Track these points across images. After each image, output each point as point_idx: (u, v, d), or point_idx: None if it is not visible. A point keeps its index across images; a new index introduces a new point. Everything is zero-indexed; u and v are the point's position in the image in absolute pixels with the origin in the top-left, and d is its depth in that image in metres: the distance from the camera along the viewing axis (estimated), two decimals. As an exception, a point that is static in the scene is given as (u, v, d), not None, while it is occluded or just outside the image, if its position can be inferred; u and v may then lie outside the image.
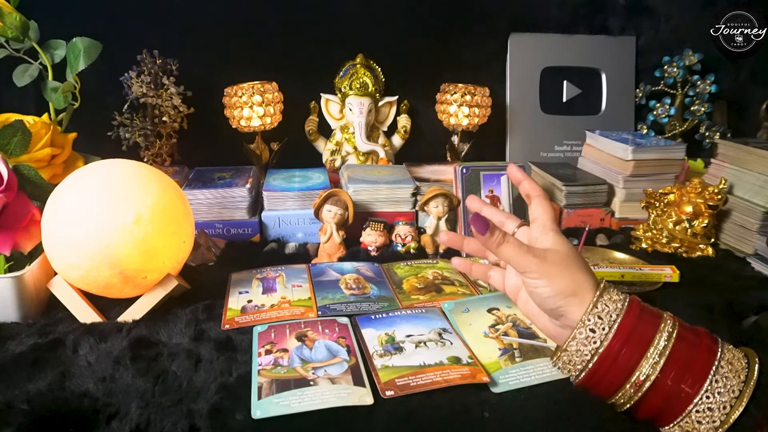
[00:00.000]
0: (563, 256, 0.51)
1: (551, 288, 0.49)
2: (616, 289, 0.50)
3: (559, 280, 0.49)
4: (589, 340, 0.48)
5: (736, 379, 0.44)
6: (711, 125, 1.28)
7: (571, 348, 0.49)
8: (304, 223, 0.93)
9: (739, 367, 0.45)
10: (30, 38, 0.79)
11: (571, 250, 0.52)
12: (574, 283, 0.49)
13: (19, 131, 0.69)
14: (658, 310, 0.49)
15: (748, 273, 0.84)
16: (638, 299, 0.50)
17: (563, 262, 0.50)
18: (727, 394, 0.44)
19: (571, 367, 0.50)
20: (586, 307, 0.48)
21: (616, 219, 1.03)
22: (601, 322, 0.47)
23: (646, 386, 0.45)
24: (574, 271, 0.50)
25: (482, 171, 0.89)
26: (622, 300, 0.49)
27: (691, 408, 0.44)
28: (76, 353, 0.58)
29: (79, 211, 0.60)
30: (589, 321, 0.48)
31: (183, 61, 1.05)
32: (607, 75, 1.28)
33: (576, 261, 0.51)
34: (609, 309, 0.48)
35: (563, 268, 0.50)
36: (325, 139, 1.20)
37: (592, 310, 0.48)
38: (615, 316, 0.47)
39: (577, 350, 0.48)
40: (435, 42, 1.21)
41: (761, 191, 0.89)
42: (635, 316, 0.48)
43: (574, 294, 0.49)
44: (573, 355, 0.49)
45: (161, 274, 0.65)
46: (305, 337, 0.61)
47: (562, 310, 0.49)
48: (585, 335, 0.48)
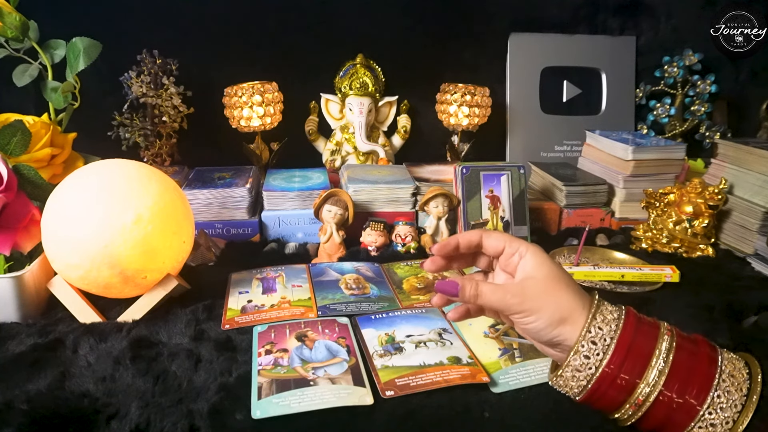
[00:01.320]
0: (544, 281, 0.48)
1: (540, 321, 0.47)
2: (608, 306, 0.48)
3: (545, 311, 0.47)
4: (584, 366, 0.46)
5: (738, 393, 0.43)
6: (711, 125, 1.28)
7: (567, 374, 0.47)
8: (304, 223, 0.93)
9: (740, 379, 0.44)
10: (30, 38, 0.79)
11: (551, 271, 0.49)
12: (561, 309, 0.47)
13: (19, 131, 0.69)
14: (655, 321, 0.48)
15: (748, 273, 0.84)
16: (634, 312, 0.48)
17: (545, 290, 0.48)
18: (729, 410, 0.43)
19: (569, 390, 0.48)
20: (578, 333, 0.46)
21: (616, 219, 1.03)
22: (595, 347, 0.45)
23: (649, 401, 0.44)
24: (560, 295, 0.47)
25: (482, 171, 0.89)
26: (616, 319, 0.46)
27: (693, 425, 0.43)
28: (76, 353, 0.58)
29: (79, 211, 0.60)
30: (583, 347, 0.46)
31: (183, 61, 1.05)
32: (607, 75, 1.28)
33: (559, 283, 0.48)
34: (602, 332, 0.46)
35: (546, 296, 0.47)
36: (325, 139, 1.20)
37: (585, 335, 0.46)
38: (609, 339, 0.45)
39: (573, 376, 0.46)
40: (435, 42, 1.21)
41: (761, 191, 0.89)
42: (632, 332, 0.46)
43: (565, 320, 0.47)
44: (569, 380, 0.47)
45: (161, 274, 0.65)
46: (305, 337, 0.61)
47: (558, 340, 0.47)
48: (579, 362, 0.46)
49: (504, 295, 0.48)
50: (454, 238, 0.54)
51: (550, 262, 0.49)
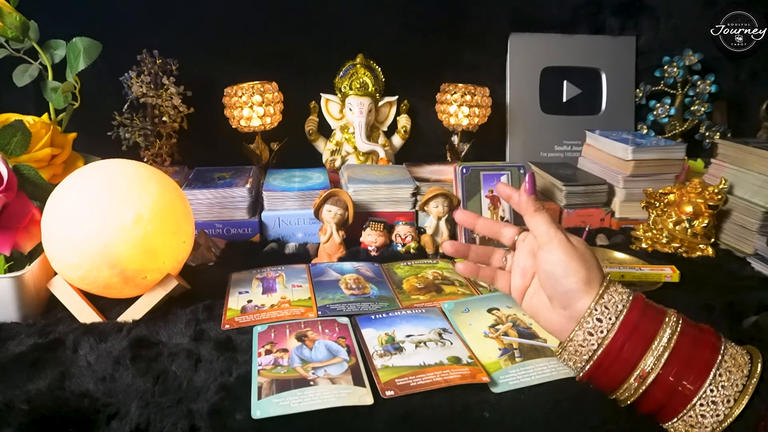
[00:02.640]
0: (583, 247, 0.53)
1: (566, 267, 0.51)
2: (619, 287, 0.51)
3: (576, 262, 0.51)
4: (596, 329, 0.48)
5: (740, 373, 0.45)
6: (711, 125, 1.28)
7: (578, 337, 0.49)
8: (304, 223, 0.93)
9: (742, 362, 0.46)
10: (30, 38, 0.79)
11: (588, 247, 0.53)
12: (587, 270, 0.50)
13: (19, 131, 0.69)
14: (663, 307, 0.50)
15: (748, 273, 0.84)
16: (642, 296, 0.51)
17: (581, 250, 0.52)
18: (731, 388, 0.44)
19: (577, 358, 0.50)
20: (593, 296, 0.49)
21: (616, 219, 1.03)
22: (608, 311, 0.48)
23: (649, 380, 0.46)
24: (590, 261, 0.51)
25: (482, 171, 0.89)
26: (627, 293, 0.50)
27: (695, 402, 0.44)
28: (76, 353, 0.58)
29: (79, 211, 0.60)
30: (596, 311, 0.49)
31: (183, 61, 1.05)
32: (607, 75, 1.28)
33: (592, 254, 0.53)
34: (615, 300, 0.49)
35: (581, 254, 0.51)
36: (325, 139, 1.20)
37: (599, 300, 0.49)
38: (621, 307, 0.48)
39: (584, 339, 0.49)
40: (435, 42, 1.21)
41: (761, 191, 0.89)
42: (640, 311, 0.48)
43: (586, 282, 0.50)
44: (579, 345, 0.49)
45: (161, 274, 0.65)
46: (305, 337, 0.61)
47: (572, 297, 0.50)
48: (592, 324, 0.48)
49: (558, 227, 0.53)
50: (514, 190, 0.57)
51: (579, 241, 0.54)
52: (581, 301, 0.50)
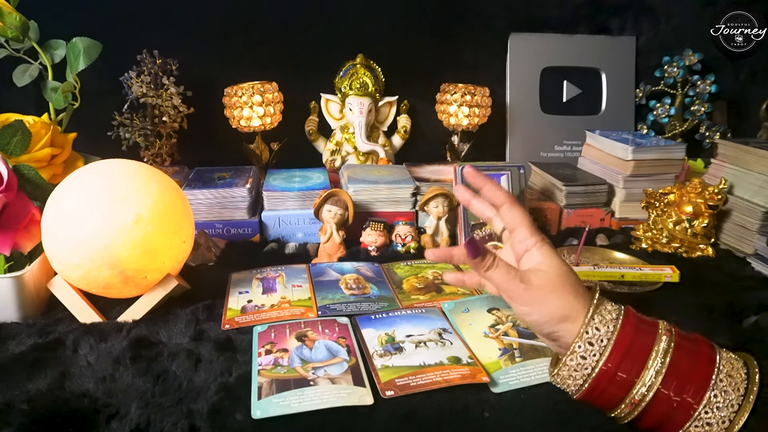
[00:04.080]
0: (552, 277, 0.48)
1: (539, 316, 0.48)
2: (609, 305, 0.48)
3: (547, 306, 0.47)
4: (581, 367, 0.46)
5: (735, 393, 0.43)
6: (711, 125, 1.28)
7: (563, 373, 0.47)
8: (304, 223, 0.93)
9: (738, 379, 0.44)
10: (30, 38, 0.79)
11: (560, 269, 0.49)
12: (564, 308, 0.47)
13: (19, 131, 0.69)
14: (655, 321, 0.48)
15: (748, 273, 0.84)
16: (633, 311, 0.48)
17: (551, 286, 0.48)
18: (725, 409, 0.43)
19: (570, 382, 0.48)
20: (580, 324, 0.46)
21: (616, 219, 1.03)
22: (592, 348, 0.46)
23: (647, 399, 0.44)
24: (564, 294, 0.47)
25: (482, 171, 0.89)
26: (614, 320, 0.46)
27: (689, 424, 0.43)
28: (76, 353, 0.58)
29: (79, 211, 0.60)
30: (579, 348, 0.46)
31: (183, 61, 1.05)
32: (607, 75, 1.28)
33: (566, 281, 0.48)
34: (600, 333, 0.46)
35: (550, 293, 0.48)
36: (325, 139, 1.20)
37: (583, 336, 0.46)
38: (606, 340, 0.45)
39: (570, 375, 0.47)
40: (435, 42, 1.21)
41: (761, 191, 0.89)
42: (631, 330, 0.46)
43: (566, 319, 0.47)
44: (566, 378, 0.47)
45: (161, 274, 0.65)
46: (305, 337, 0.61)
47: (556, 335, 0.48)
48: (576, 362, 0.46)
49: (514, 279, 0.49)
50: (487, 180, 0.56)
51: (559, 258, 0.50)
52: (566, 337, 0.47)
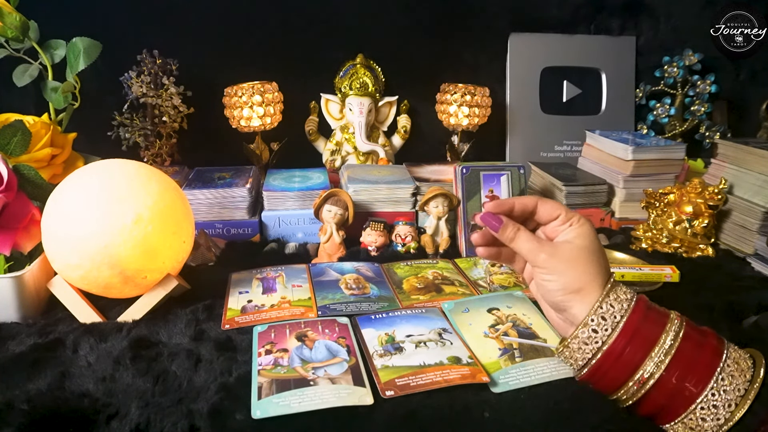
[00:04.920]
0: (578, 249, 0.50)
1: (557, 282, 0.50)
2: (624, 288, 0.50)
3: (566, 276, 0.49)
4: (591, 340, 0.48)
5: (742, 378, 0.44)
6: (711, 125, 1.28)
7: (573, 345, 0.49)
8: (304, 223, 0.93)
9: (744, 366, 0.45)
10: (30, 38, 0.79)
11: (590, 243, 0.51)
12: (580, 280, 0.49)
13: (19, 131, 0.69)
14: (666, 310, 0.49)
15: (748, 273, 0.84)
16: (646, 298, 0.50)
17: (575, 257, 0.50)
18: (732, 393, 0.44)
19: (573, 362, 0.50)
20: (590, 306, 0.48)
21: (616, 219, 1.03)
22: (605, 322, 0.47)
23: (649, 384, 0.46)
24: (586, 266, 0.49)
25: (482, 171, 0.89)
26: (628, 300, 0.48)
27: (694, 406, 0.44)
28: (76, 353, 0.58)
29: (79, 211, 0.60)
30: (593, 321, 0.48)
31: (183, 61, 1.05)
32: (607, 75, 1.28)
33: (590, 256, 0.50)
34: (614, 309, 0.48)
35: (573, 264, 0.49)
36: (325, 139, 1.20)
37: (597, 310, 0.48)
38: (619, 317, 0.47)
39: (579, 348, 0.49)
40: (435, 42, 1.21)
41: (761, 191, 0.89)
42: (641, 316, 0.48)
43: (578, 291, 0.49)
44: (575, 351, 0.49)
45: (161, 274, 0.65)
46: (305, 337, 0.61)
47: (565, 305, 0.50)
48: (587, 335, 0.48)
49: (536, 247, 0.51)
50: (510, 200, 0.55)
51: (593, 235, 0.51)
52: (576, 309, 0.49)
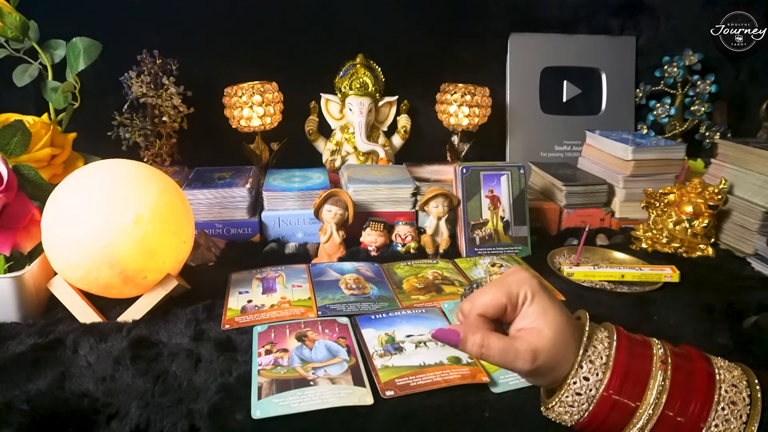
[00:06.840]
0: (553, 338, 0.45)
1: (544, 381, 0.47)
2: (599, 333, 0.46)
3: (552, 374, 0.45)
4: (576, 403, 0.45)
5: (742, 403, 0.43)
6: (711, 125, 1.28)
7: (566, 399, 0.45)
8: (304, 223, 0.93)
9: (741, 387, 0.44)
10: (30, 38, 0.79)
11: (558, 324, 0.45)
12: (556, 360, 0.45)
13: (19, 131, 0.69)
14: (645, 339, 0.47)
15: (748, 273, 0.84)
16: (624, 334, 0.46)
17: (553, 349, 0.45)
18: (735, 421, 0.42)
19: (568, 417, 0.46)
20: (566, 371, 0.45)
21: (616, 219, 1.03)
22: (587, 383, 0.44)
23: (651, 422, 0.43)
24: (565, 349, 0.45)
25: (482, 171, 0.89)
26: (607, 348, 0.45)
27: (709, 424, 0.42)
28: (76, 353, 0.58)
29: (79, 211, 0.60)
30: (575, 384, 0.44)
31: (183, 61, 1.05)
32: (607, 75, 1.28)
33: (563, 333, 0.45)
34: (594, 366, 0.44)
35: (554, 355, 0.45)
36: (325, 139, 1.20)
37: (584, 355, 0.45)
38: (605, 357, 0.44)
39: (573, 400, 0.45)
40: (435, 42, 1.21)
41: (761, 191, 0.89)
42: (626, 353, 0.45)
43: (559, 363, 0.45)
44: (568, 405, 0.46)
45: (161, 274, 0.65)
46: (305, 337, 0.61)
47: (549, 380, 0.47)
48: (572, 398, 0.45)
49: (514, 358, 0.44)
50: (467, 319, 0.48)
51: (555, 309, 0.46)
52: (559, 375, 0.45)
